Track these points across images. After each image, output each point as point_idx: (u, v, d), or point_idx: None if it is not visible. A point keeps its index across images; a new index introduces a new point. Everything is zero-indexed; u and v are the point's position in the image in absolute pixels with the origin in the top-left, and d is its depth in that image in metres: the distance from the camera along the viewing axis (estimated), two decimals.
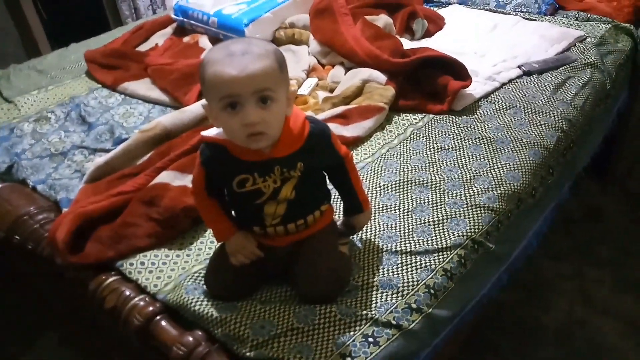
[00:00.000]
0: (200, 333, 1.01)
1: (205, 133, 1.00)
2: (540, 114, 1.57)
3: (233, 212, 1.10)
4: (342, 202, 1.15)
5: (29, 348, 1.72)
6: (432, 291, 1.06)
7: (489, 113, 1.60)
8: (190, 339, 1.00)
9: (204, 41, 2.04)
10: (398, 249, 1.14)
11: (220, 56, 0.89)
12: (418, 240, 1.16)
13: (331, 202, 1.11)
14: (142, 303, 1.08)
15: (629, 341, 1.71)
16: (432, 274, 1.09)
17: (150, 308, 1.07)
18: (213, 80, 0.88)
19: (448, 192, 1.30)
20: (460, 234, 1.17)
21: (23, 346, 1.73)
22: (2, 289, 1.66)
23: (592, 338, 1.72)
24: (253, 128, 0.90)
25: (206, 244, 1.19)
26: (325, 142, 1.02)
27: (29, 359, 1.70)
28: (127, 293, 1.10)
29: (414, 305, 1.03)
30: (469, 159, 1.41)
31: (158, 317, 1.06)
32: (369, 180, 1.36)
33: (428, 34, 2.08)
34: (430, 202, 1.27)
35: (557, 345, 1.70)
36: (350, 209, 1.13)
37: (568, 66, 1.80)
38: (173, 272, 1.13)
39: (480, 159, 1.41)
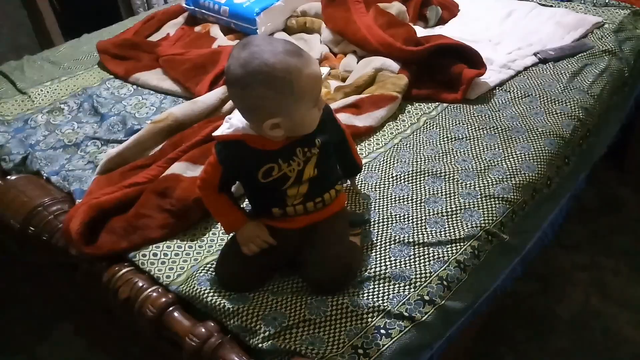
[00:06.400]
0: (212, 324, 1.02)
1: (217, 133, 1.01)
2: (556, 102, 1.55)
3: (248, 200, 1.13)
4: (342, 169, 1.18)
5: (45, 339, 1.74)
6: (445, 283, 1.05)
7: (503, 102, 1.58)
8: (203, 330, 1.00)
9: (215, 30, 2.03)
10: (410, 240, 1.13)
11: (297, 61, 0.91)
12: (431, 231, 1.15)
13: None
14: (155, 294, 1.09)
15: None
16: (445, 265, 1.08)
17: (163, 299, 1.07)
18: (311, 84, 0.93)
19: (462, 183, 1.28)
20: (474, 225, 1.16)
21: (39, 337, 1.74)
22: (19, 280, 1.68)
23: (607, 329, 1.70)
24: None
25: (218, 235, 1.19)
26: (330, 117, 1.08)
27: (45, 350, 1.72)
28: (140, 284, 1.11)
29: (426, 297, 1.02)
30: (483, 149, 1.39)
31: (171, 309, 1.07)
32: (382, 170, 1.35)
33: (442, 21, 2.06)
34: (444, 193, 1.25)
35: (571, 335, 1.69)
36: (351, 171, 1.23)
37: (585, 53, 1.77)
38: (185, 263, 1.14)
39: (494, 149, 1.39)
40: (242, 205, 1.13)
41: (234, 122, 0.99)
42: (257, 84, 0.90)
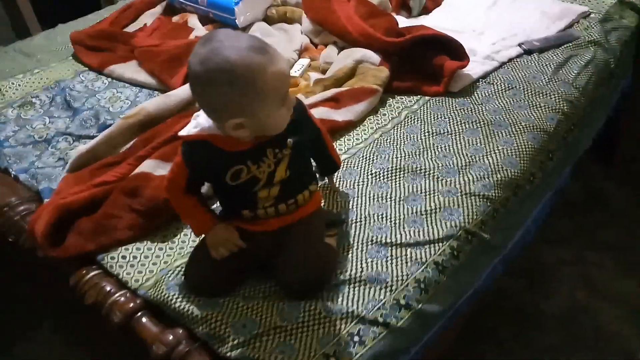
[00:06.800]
0: (181, 331, 0.98)
1: (183, 133, 0.96)
2: (541, 95, 1.51)
3: (219, 202, 1.08)
4: (319, 167, 1.17)
5: (22, 338, 1.70)
6: (422, 286, 1.02)
7: (487, 94, 1.54)
8: (171, 337, 0.97)
9: (193, 21, 1.97)
10: (388, 240, 1.09)
11: (261, 59, 0.86)
12: (409, 231, 1.12)
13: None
14: (122, 299, 1.05)
15: (631, 326, 1.67)
16: (423, 267, 1.05)
17: (131, 304, 1.03)
18: (276, 83, 0.88)
19: (442, 180, 1.24)
20: (454, 225, 1.12)
21: (16, 336, 1.70)
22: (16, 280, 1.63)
23: (595, 324, 1.68)
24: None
25: (189, 237, 1.15)
26: (303, 115, 1.03)
27: (22, 349, 1.68)
28: (108, 289, 1.07)
29: (402, 302, 0.99)
30: (465, 144, 1.36)
31: (139, 314, 1.03)
32: (361, 167, 1.30)
33: (425, 10, 2.00)
34: (423, 191, 1.22)
35: (558, 331, 1.67)
36: (328, 170, 1.20)
37: (571, 44, 1.73)
38: (155, 266, 1.09)
39: (476, 144, 1.35)
40: (213, 207, 1.09)
41: (200, 121, 0.95)
42: (218, 82, 0.85)
